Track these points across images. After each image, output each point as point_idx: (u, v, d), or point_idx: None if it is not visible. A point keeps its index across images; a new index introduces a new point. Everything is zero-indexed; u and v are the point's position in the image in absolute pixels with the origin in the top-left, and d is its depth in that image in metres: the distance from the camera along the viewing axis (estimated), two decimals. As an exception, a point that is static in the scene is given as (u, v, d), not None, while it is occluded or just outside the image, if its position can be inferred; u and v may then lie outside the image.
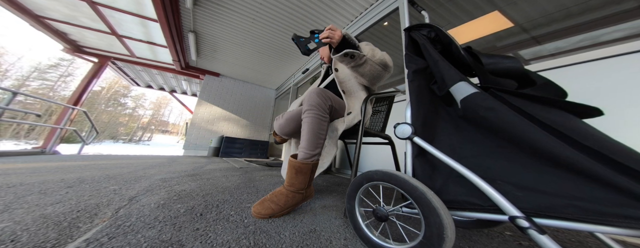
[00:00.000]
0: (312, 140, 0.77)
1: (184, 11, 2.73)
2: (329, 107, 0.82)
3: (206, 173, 1.62)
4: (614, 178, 0.29)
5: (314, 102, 0.79)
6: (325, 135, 0.81)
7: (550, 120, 0.37)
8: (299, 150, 0.78)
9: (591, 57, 0.92)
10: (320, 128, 0.78)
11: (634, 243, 0.65)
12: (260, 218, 0.69)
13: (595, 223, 0.30)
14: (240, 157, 4.13)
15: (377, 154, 1.85)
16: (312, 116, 0.78)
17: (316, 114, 0.78)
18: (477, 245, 0.59)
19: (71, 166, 1.60)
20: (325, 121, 0.80)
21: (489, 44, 2.38)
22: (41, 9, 3.10)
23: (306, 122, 0.79)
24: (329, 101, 0.83)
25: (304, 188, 0.77)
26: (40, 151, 3.00)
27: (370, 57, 0.85)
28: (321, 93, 0.82)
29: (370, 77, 0.92)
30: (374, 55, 0.86)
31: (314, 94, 0.81)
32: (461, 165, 0.43)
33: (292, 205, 0.74)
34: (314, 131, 0.77)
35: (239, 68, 4.64)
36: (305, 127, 0.79)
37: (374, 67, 0.87)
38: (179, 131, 78.09)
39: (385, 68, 0.90)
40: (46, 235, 0.49)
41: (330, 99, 0.84)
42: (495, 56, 0.52)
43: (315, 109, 0.79)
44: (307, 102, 0.80)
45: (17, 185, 0.92)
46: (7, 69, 46.61)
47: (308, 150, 0.77)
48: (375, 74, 0.90)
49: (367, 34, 2.59)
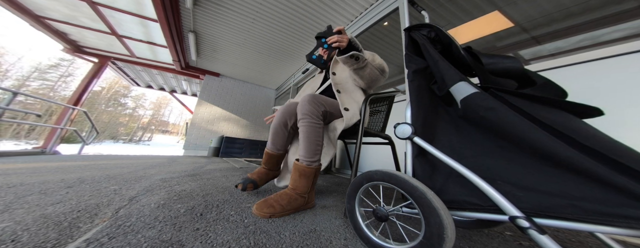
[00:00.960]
0: (310, 148, 0.80)
1: (184, 11, 2.74)
2: (322, 112, 0.85)
3: (206, 173, 1.62)
4: (614, 178, 0.29)
5: (306, 110, 0.82)
6: (322, 140, 0.84)
7: (550, 120, 0.37)
8: (299, 158, 0.82)
9: (591, 57, 0.92)
10: (316, 135, 0.81)
11: (635, 243, 0.65)
12: (260, 217, 0.69)
13: (596, 223, 0.30)
14: (240, 157, 4.13)
15: (377, 154, 1.85)
16: (306, 124, 0.81)
17: (310, 121, 0.81)
18: (478, 245, 0.59)
19: (71, 166, 1.60)
20: (320, 127, 0.84)
21: (489, 44, 2.38)
22: (41, 9, 3.10)
23: (302, 131, 0.82)
24: (322, 107, 0.85)
25: (307, 192, 0.79)
26: (40, 151, 3.00)
27: (371, 61, 0.89)
28: (313, 100, 0.84)
29: (369, 80, 0.95)
30: (374, 60, 0.91)
31: (305, 102, 0.83)
32: (461, 165, 0.43)
33: (293, 207, 0.75)
34: (310, 139, 0.80)
35: (239, 68, 4.64)
36: (301, 135, 0.82)
37: (373, 71, 0.91)
38: (179, 131, 78.10)
39: (382, 72, 0.96)
40: (46, 235, 0.49)
41: (322, 104, 0.86)
42: (495, 56, 0.52)
43: (308, 117, 0.82)
44: (300, 111, 0.84)
45: (18, 185, 0.92)
46: (8, 69, 46.62)
47: (307, 158, 0.80)
48: (373, 78, 0.94)
49: (367, 34, 2.59)
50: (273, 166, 1.02)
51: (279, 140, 0.99)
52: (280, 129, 0.98)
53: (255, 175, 0.98)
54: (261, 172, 1.01)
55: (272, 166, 1.02)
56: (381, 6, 2.18)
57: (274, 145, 1.00)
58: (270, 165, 1.02)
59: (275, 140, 0.99)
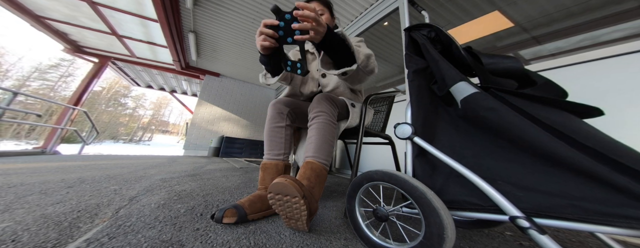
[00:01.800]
0: (324, 148, 0.69)
1: (184, 11, 2.74)
2: (338, 114, 0.79)
3: (206, 173, 1.62)
4: (614, 178, 0.29)
5: (324, 108, 0.73)
6: (335, 142, 0.75)
7: (550, 120, 0.37)
8: (313, 157, 0.69)
9: (591, 57, 0.92)
10: (331, 134, 0.72)
11: (635, 244, 0.65)
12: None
13: (596, 224, 0.30)
14: (240, 157, 4.13)
15: (377, 154, 1.85)
16: (324, 121, 0.71)
17: (327, 119, 0.72)
18: (478, 245, 0.59)
19: (72, 166, 1.60)
20: (336, 128, 0.76)
21: (489, 44, 2.38)
22: (41, 9, 3.10)
23: (317, 128, 0.72)
24: (337, 109, 0.79)
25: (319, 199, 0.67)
26: (40, 151, 3.01)
27: (362, 68, 0.72)
28: (330, 98, 0.78)
29: (357, 83, 0.83)
30: (366, 65, 0.74)
31: (322, 99, 0.75)
32: (461, 165, 0.43)
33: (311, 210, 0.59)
34: (326, 137, 0.70)
35: (239, 68, 4.64)
36: (316, 133, 0.71)
37: (363, 76, 0.78)
38: (179, 131, 78.11)
39: (371, 73, 0.80)
40: (47, 235, 0.49)
41: (337, 105, 0.80)
42: (495, 56, 0.52)
43: (325, 114, 0.73)
44: (316, 107, 0.75)
45: (18, 185, 0.92)
46: (8, 69, 46.66)
47: (323, 158, 0.69)
48: (362, 81, 0.82)
49: (367, 34, 2.59)
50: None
51: (277, 140, 0.80)
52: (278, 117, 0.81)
53: (246, 201, 0.66)
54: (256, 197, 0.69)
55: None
56: (381, 6, 2.18)
57: (271, 150, 0.79)
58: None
59: (273, 141, 0.80)
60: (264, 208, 0.67)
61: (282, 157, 0.79)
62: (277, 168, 0.76)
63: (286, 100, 0.88)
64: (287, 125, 0.84)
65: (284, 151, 0.80)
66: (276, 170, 0.75)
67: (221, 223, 0.60)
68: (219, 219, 0.59)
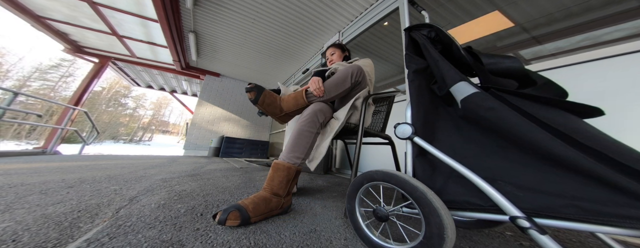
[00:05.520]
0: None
1: (184, 11, 2.74)
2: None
3: (206, 173, 1.62)
4: (614, 178, 0.29)
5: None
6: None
7: (551, 120, 0.37)
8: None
9: (591, 57, 0.92)
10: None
11: (635, 244, 0.65)
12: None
13: (596, 224, 0.30)
14: (240, 157, 4.13)
15: (377, 154, 1.85)
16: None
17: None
18: (478, 245, 0.59)
19: (72, 166, 1.60)
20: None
21: (489, 43, 2.38)
22: (42, 10, 3.11)
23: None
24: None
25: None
26: (41, 151, 3.01)
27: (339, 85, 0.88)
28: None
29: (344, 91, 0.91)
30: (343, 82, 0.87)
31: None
32: (462, 165, 0.43)
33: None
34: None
35: (239, 68, 4.64)
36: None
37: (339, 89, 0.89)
38: (180, 131, 78.16)
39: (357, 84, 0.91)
40: (47, 235, 0.50)
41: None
42: (495, 56, 0.52)
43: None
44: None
45: (18, 185, 0.92)
46: (9, 70, 46.71)
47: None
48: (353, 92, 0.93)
49: (367, 33, 2.59)
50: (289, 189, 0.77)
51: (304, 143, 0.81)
52: (317, 123, 0.85)
53: (250, 204, 0.66)
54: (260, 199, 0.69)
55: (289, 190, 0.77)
56: (381, 6, 2.18)
57: (294, 151, 0.79)
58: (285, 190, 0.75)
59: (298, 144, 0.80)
60: (267, 211, 0.68)
61: (299, 162, 0.80)
62: (288, 172, 0.77)
63: (328, 109, 0.89)
64: (317, 132, 0.85)
65: (303, 157, 0.82)
66: (288, 174, 0.77)
67: (224, 225, 0.60)
68: (223, 221, 0.60)
